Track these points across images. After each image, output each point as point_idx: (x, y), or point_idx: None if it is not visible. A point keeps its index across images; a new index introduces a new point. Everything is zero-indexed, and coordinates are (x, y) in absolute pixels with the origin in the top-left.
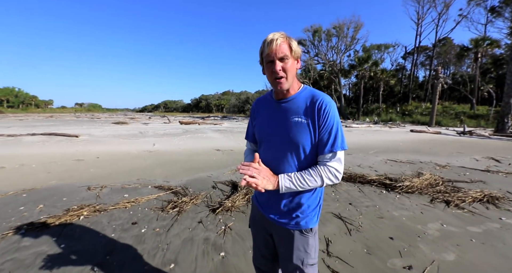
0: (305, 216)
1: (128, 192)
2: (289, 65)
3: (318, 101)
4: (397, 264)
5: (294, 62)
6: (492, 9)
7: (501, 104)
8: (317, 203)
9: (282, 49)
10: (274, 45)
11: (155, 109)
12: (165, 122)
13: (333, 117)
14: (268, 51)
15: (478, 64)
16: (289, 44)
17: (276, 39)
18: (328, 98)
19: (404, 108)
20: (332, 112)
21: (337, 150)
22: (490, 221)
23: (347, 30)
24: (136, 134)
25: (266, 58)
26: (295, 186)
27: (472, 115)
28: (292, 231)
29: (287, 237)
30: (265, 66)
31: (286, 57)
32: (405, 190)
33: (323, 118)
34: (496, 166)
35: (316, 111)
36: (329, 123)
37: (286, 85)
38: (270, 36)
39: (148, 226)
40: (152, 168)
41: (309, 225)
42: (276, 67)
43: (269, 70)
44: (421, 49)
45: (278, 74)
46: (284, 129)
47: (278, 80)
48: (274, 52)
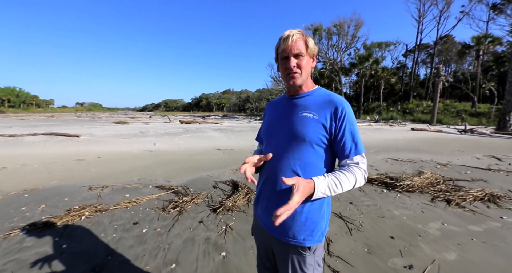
0: (303, 232)
1: (129, 192)
2: (304, 62)
3: (336, 102)
4: (398, 264)
5: (309, 60)
6: (494, 6)
7: (503, 102)
8: (319, 219)
9: (298, 45)
10: (290, 41)
11: (156, 108)
12: (165, 122)
13: (354, 120)
14: (283, 47)
15: (479, 62)
16: (305, 41)
17: (292, 35)
18: (346, 101)
19: (405, 106)
20: (353, 115)
21: (362, 152)
22: (491, 220)
23: (348, 28)
24: (136, 134)
25: (281, 54)
26: (330, 190)
27: (473, 113)
28: (288, 245)
29: (283, 251)
30: (280, 62)
31: (302, 54)
32: (406, 189)
33: (343, 119)
34: (497, 164)
35: (333, 111)
36: (350, 126)
37: (300, 81)
38: (286, 32)
39: (149, 226)
40: (153, 167)
41: (306, 243)
42: (290, 64)
43: (283, 66)
44: (422, 47)
45: (292, 70)
46: (289, 123)
47: (291, 74)
48: (290, 49)
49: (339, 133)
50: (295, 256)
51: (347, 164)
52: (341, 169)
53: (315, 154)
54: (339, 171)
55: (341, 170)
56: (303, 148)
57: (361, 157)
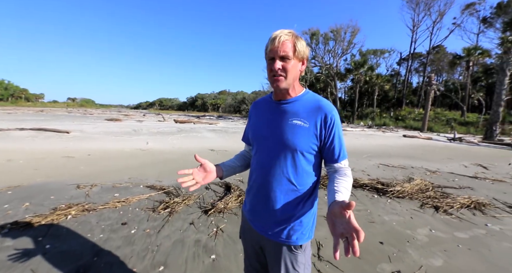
0: (296, 231)
1: (119, 191)
2: (290, 65)
3: (325, 109)
4: (386, 269)
5: (297, 63)
6: (484, 20)
7: (490, 113)
8: (310, 218)
9: (285, 47)
10: (276, 43)
11: (150, 106)
12: (159, 121)
13: (341, 126)
14: (270, 47)
15: (469, 72)
16: (294, 43)
17: (280, 36)
18: (334, 107)
19: (397, 113)
20: (339, 121)
21: (347, 155)
22: (476, 227)
23: (344, 34)
24: (129, 132)
25: (268, 54)
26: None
27: (462, 122)
28: (281, 246)
29: (276, 252)
30: (267, 63)
31: (288, 57)
32: (396, 194)
33: (332, 127)
34: (483, 173)
35: (323, 118)
36: (339, 132)
37: (284, 85)
38: (276, 32)
39: (138, 227)
40: (144, 166)
41: (299, 242)
42: (275, 66)
43: (269, 68)
44: (415, 56)
45: (277, 72)
46: (279, 131)
47: (275, 77)
48: (276, 50)
49: (328, 140)
50: (287, 255)
51: (339, 168)
52: (340, 176)
53: (306, 160)
54: (341, 179)
55: (341, 176)
56: (295, 156)
57: (346, 160)
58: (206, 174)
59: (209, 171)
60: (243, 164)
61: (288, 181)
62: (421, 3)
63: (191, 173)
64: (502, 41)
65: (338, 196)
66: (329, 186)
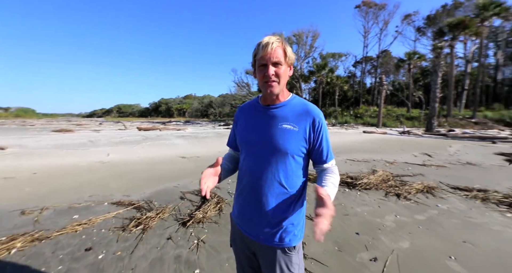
0: (288, 233)
1: (78, 212)
2: (282, 71)
3: (313, 113)
4: (365, 258)
5: (287, 68)
6: (418, 29)
7: (429, 108)
8: (301, 219)
9: (277, 54)
10: (269, 49)
11: (107, 114)
12: (120, 129)
13: (326, 128)
14: (262, 54)
15: (410, 74)
16: (284, 49)
17: (272, 43)
18: (319, 110)
19: (356, 111)
20: (326, 125)
21: (334, 156)
22: (430, 209)
23: (306, 38)
24: (85, 144)
25: (259, 61)
26: (333, 195)
27: (408, 117)
28: (275, 249)
29: (270, 256)
30: (257, 69)
31: (280, 63)
32: (364, 186)
33: (320, 130)
34: (429, 160)
35: (311, 122)
36: (326, 135)
37: (277, 90)
38: (266, 39)
39: (106, 250)
40: (107, 181)
41: (292, 243)
42: (269, 71)
43: (261, 74)
44: (367, 59)
45: (270, 78)
46: (270, 135)
47: (269, 83)
48: (269, 56)
49: (317, 143)
50: (282, 258)
51: (327, 167)
52: (328, 173)
53: (296, 163)
54: (329, 175)
55: (329, 173)
56: (286, 160)
57: (334, 160)
58: (214, 178)
59: (217, 173)
60: (235, 166)
61: (279, 184)
62: (369, 12)
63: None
64: (434, 48)
65: (327, 188)
66: (317, 183)
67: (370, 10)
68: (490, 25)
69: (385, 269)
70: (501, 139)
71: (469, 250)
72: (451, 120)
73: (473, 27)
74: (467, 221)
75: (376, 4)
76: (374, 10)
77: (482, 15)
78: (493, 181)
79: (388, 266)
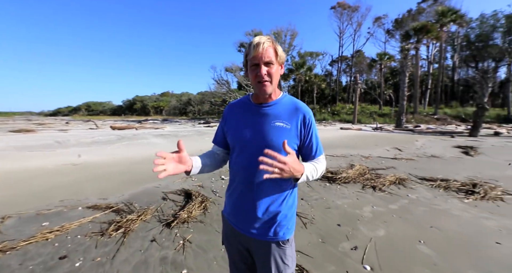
0: (282, 227)
1: (48, 219)
2: (274, 70)
3: (304, 111)
4: (346, 247)
5: (278, 67)
6: (388, 31)
7: (398, 106)
8: (293, 212)
9: (268, 53)
10: (260, 49)
11: (74, 112)
12: (91, 128)
13: (315, 125)
14: (254, 54)
15: (382, 73)
16: (275, 49)
17: (263, 43)
18: (309, 108)
19: (333, 108)
20: (315, 121)
21: (323, 151)
22: (402, 198)
23: (285, 37)
24: (51, 145)
25: (251, 61)
26: (311, 176)
27: (380, 114)
28: (270, 243)
29: (265, 250)
30: (249, 69)
31: (272, 62)
32: (343, 180)
33: (310, 127)
34: (399, 154)
35: (302, 119)
36: (315, 132)
37: (270, 89)
38: (257, 39)
39: (84, 257)
40: (80, 184)
41: (286, 236)
42: (261, 71)
43: (254, 74)
44: (343, 59)
45: (263, 78)
46: (263, 133)
47: (262, 83)
48: (260, 56)
49: (307, 139)
50: (276, 251)
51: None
52: (314, 161)
53: None
54: (314, 161)
55: (315, 161)
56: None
57: (323, 155)
58: (177, 164)
59: (183, 162)
60: (212, 163)
61: (273, 180)
62: (344, 13)
63: (165, 157)
64: (401, 49)
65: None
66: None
67: (345, 12)
68: (448, 30)
69: (365, 256)
70: (458, 133)
71: (435, 234)
72: (417, 117)
73: (434, 31)
74: (433, 208)
75: (350, 6)
76: (348, 11)
77: (441, 21)
78: (452, 171)
79: (367, 253)
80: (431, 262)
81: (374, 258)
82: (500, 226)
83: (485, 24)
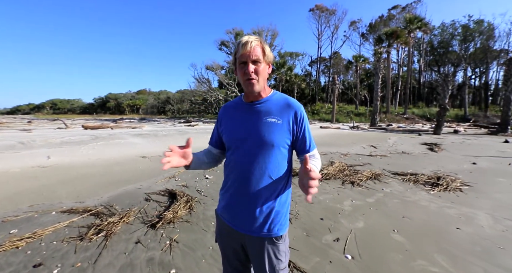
0: (276, 224)
1: (16, 226)
2: (261, 68)
3: (294, 106)
4: (329, 239)
5: (266, 66)
6: (362, 35)
7: (373, 105)
8: (287, 209)
9: (256, 52)
10: (248, 48)
11: (36, 110)
12: (60, 128)
13: (307, 120)
14: (242, 52)
15: (357, 74)
16: (262, 48)
17: (251, 41)
18: (300, 104)
19: (313, 108)
20: (306, 116)
21: (315, 147)
22: (377, 192)
23: (266, 36)
24: (13, 146)
25: (239, 59)
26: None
27: (356, 113)
28: (264, 239)
29: (259, 246)
30: (238, 67)
31: (259, 61)
32: (324, 177)
33: (302, 122)
34: (374, 151)
35: (293, 115)
36: (307, 126)
37: (257, 87)
38: (245, 38)
39: (62, 264)
40: (52, 188)
41: (280, 233)
42: (249, 69)
43: (242, 71)
44: (321, 60)
45: (250, 75)
46: (256, 130)
47: (250, 81)
48: (248, 54)
49: (300, 134)
50: (270, 247)
51: (310, 155)
52: (311, 158)
53: (281, 155)
54: (311, 159)
55: (311, 158)
56: (272, 152)
57: (316, 149)
58: (180, 159)
59: (186, 157)
60: (210, 161)
61: (267, 176)
62: (322, 16)
63: (172, 150)
64: (375, 52)
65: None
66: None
67: (323, 14)
68: (415, 36)
69: (346, 247)
70: (424, 131)
71: (407, 223)
72: (389, 116)
73: (403, 37)
74: (404, 200)
75: (328, 9)
76: (326, 14)
77: (409, 27)
78: (420, 166)
79: (348, 244)
80: (404, 248)
81: (354, 248)
82: (460, 214)
83: (445, 32)
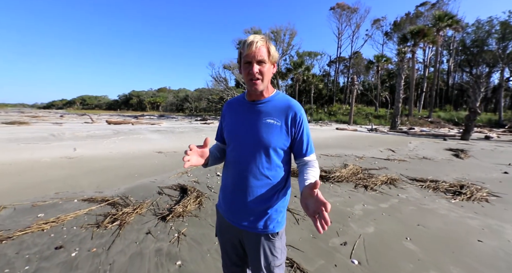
0: (272, 220)
1: (43, 211)
2: (266, 68)
3: (295, 108)
4: (336, 242)
5: (270, 66)
6: (386, 34)
7: (393, 108)
8: (284, 207)
9: (261, 52)
10: (253, 48)
11: (68, 105)
12: (86, 122)
13: (307, 123)
14: (247, 52)
15: (379, 75)
16: (268, 48)
17: (256, 41)
18: (301, 106)
19: (330, 109)
20: (306, 119)
21: (314, 150)
22: (392, 198)
23: (284, 36)
24: (46, 138)
25: (244, 58)
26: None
27: (376, 116)
28: (260, 235)
29: (255, 242)
30: (243, 66)
31: (264, 61)
32: (336, 179)
33: (301, 125)
34: (392, 155)
35: (292, 117)
36: (306, 130)
37: (261, 87)
38: (251, 38)
39: (80, 248)
40: (76, 177)
41: (275, 229)
42: (253, 69)
43: (246, 71)
44: (341, 60)
45: (254, 76)
46: (255, 130)
47: (254, 81)
48: (253, 55)
49: (298, 137)
50: (266, 243)
51: (308, 161)
52: (309, 167)
53: (278, 156)
54: (310, 169)
55: (310, 167)
56: (269, 152)
57: (314, 154)
58: (198, 157)
59: (204, 155)
60: (222, 156)
61: (263, 175)
62: (343, 14)
63: (191, 149)
64: (398, 52)
65: (307, 182)
66: (300, 177)
67: (344, 13)
68: (444, 34)
69: (353, 252)
70: (450, 136)
71: (422, 231)
72: (412, 119)
73: (430, 35)
74: (421, 207)
75: (349, 7)
76: (347, 13)
77: (438, 25)
78: (442, 173)
79: (356, 249)
80: (416, 257)
81: (362, 253)
82: (483, 225)
83: (480, 30)
